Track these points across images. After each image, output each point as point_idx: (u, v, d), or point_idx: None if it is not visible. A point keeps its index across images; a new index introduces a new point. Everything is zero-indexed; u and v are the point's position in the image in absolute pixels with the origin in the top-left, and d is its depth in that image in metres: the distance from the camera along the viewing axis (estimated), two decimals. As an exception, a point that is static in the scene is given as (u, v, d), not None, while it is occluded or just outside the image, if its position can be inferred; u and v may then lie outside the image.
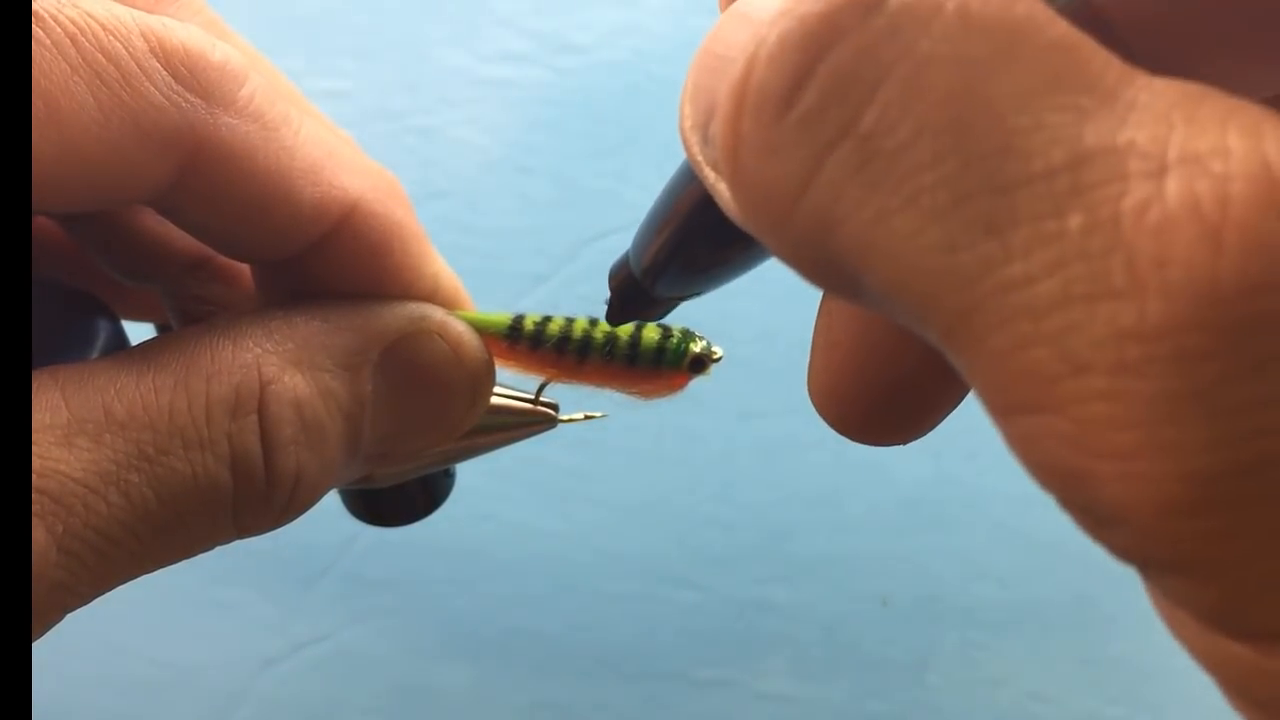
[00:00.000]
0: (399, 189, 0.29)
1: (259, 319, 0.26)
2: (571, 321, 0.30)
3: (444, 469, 0.34)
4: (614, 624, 0.62)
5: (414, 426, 0.28)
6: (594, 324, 0.30)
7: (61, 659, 0.60)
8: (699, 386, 0.30)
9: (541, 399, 0.32)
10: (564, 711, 0.61)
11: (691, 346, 0.30)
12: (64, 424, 0.22)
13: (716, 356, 0.30)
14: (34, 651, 0.21)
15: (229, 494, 0.24)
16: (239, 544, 0.26)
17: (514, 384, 0.32)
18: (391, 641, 0.62)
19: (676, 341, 0.29)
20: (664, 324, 0.30)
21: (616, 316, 0.27)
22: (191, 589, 0.63)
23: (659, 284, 0.24)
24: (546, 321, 0.30)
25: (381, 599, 0.63)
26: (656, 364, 0.29)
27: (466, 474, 0.35)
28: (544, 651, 0.62)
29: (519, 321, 0.30)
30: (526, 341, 0.30)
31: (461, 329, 0.28)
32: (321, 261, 0.27)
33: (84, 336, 0.30)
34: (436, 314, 0.28)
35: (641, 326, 0.30)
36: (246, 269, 0.31)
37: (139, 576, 0.24)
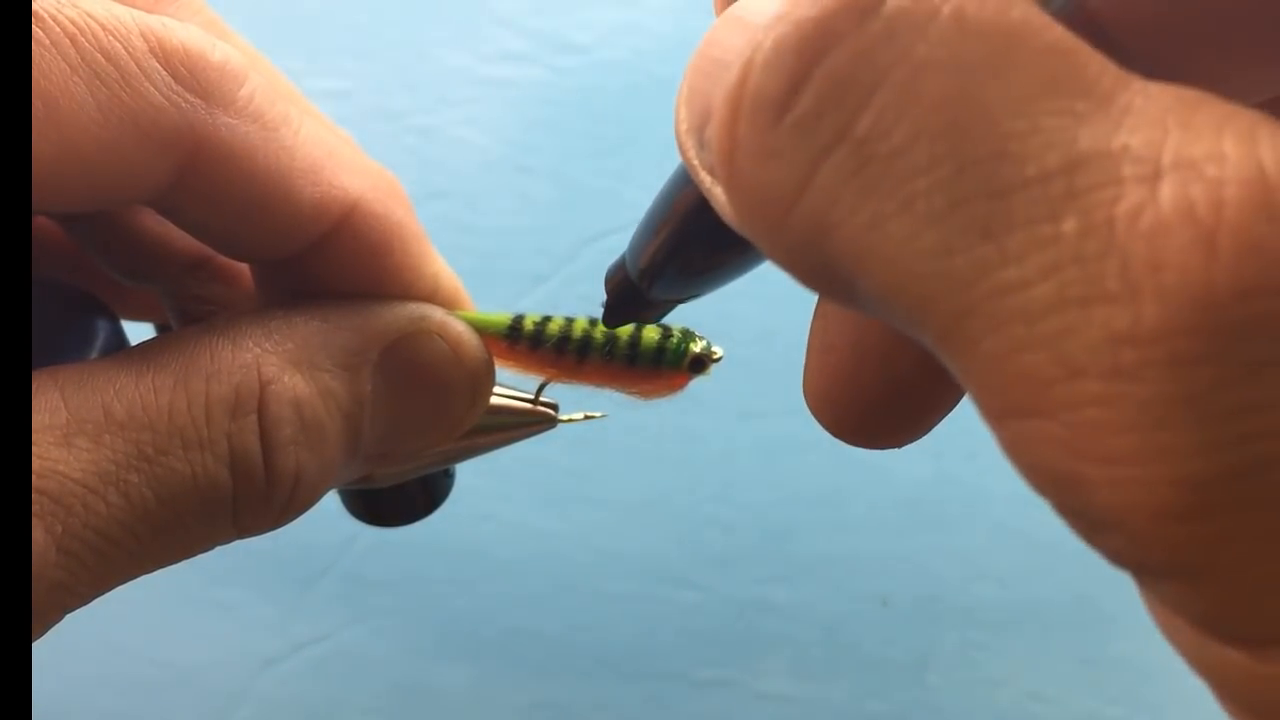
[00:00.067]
0: (399, 189, 0.29)
1: (259, 319, 0.26)
2: (571, 321, 0.30)
3: (444, 469, 0.34)
4: (614, 624, 0.62)
5: (414, 426, 0.28)
6: (594, 324, 0.30)
7: (61, 659, 0.60)
8: (699, 386, 0.30)
9: (541, 399, 0.32)
10: (564, 711, 0.61)
11: (691, 346, 0.29)
12: (63, 424, 0.22)
13: (716, 356, 0.30)
14: (34, 651, 0.21)
15: (229, 494, 0.24)
16: (239, 544, 0.26)
17: (514, 384, 0.32)
18: (391, 641, 0.62)
19: (676, 341, 0.29)
20: (664, 324, 0.30)
21: (613, 319, 0.27)
22: (191, 589, 0.63)
23: (655, 287, 0.24)
24: (546, 321, 0.30)
25: (381, 599, 0.63)
26: (656, 364, 0.29)
27: (466, 474, 0.35)
28: (544, 651, 0.62)
29: (519, 321, 0.30)
30: (526, 341, 0.30)
31: (461, 329, 0.28)
32: (321, 261, 0.27)
33: (83, 336, 0.30)
34: (436, 314, 0.28)
35: (641, 326, 0.30)
36: (246, 269, 0.31)
37: (139, 576, 0.24)
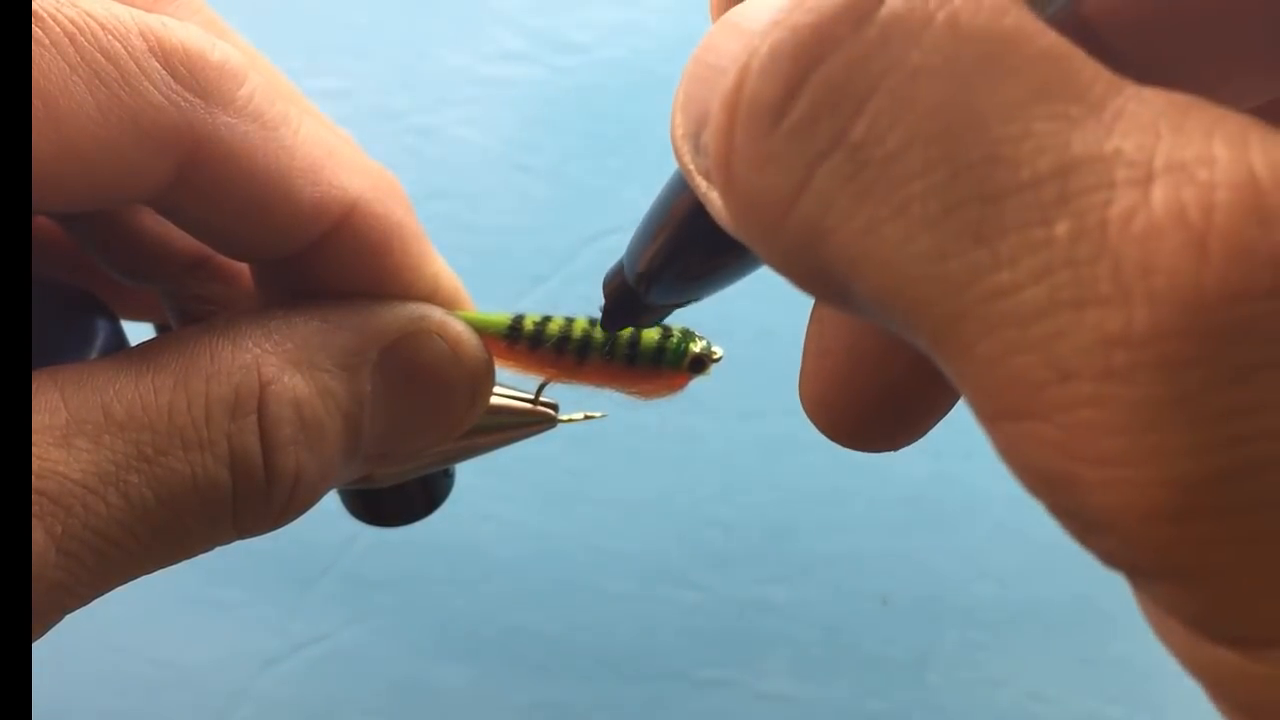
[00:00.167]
0: (399, 189, 0.29)
1: (258, 319, 0.26)
2: (571, 322, 0.30)
3: (444, 469, 0.34)
4: (614, 624, 0.62)
5: (413, 426, 0.28)
6: (594, 324, 0.29)
7: (61, 659, 0.60)
8: (699, 386, 0.30)
9: (541, 399, 0.32)
10: (564, 711, 0.61)
11: (691, 346, 0.29)
12: (63, 425, 0.22)
13: (716, 356, 0.30)
14: (34, 651, 0.21)
15: (228, 494, 0.24)
16: (239, 544, 0.26)
17: (514, 384, 0.32)
18: (391, 641, 0.62)
19: (676, 341, 0.29)
20: (664, 324, 0.30)
21: (611, 324, 0.27)
22: (191, 589, 0.63)
23: (653, 291, 0.24)
24: (546, 322, 0.30)
25: (381, 599, 0.63)
26: (656, 364, 0.29)
27: (466, 474, 0.35)
28: (544, 651, 0.62)
29: (519, 321, 0.30)
30: (526, 342, 0.30)
31: (461, 329, 0.28)
32: (321, 261, 0.27)
33: (83, 336, 0.30)
34: (436, 314, 0.28)
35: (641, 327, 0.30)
36: (246, 268, 0.31)
37: (138, 577, 0.24)
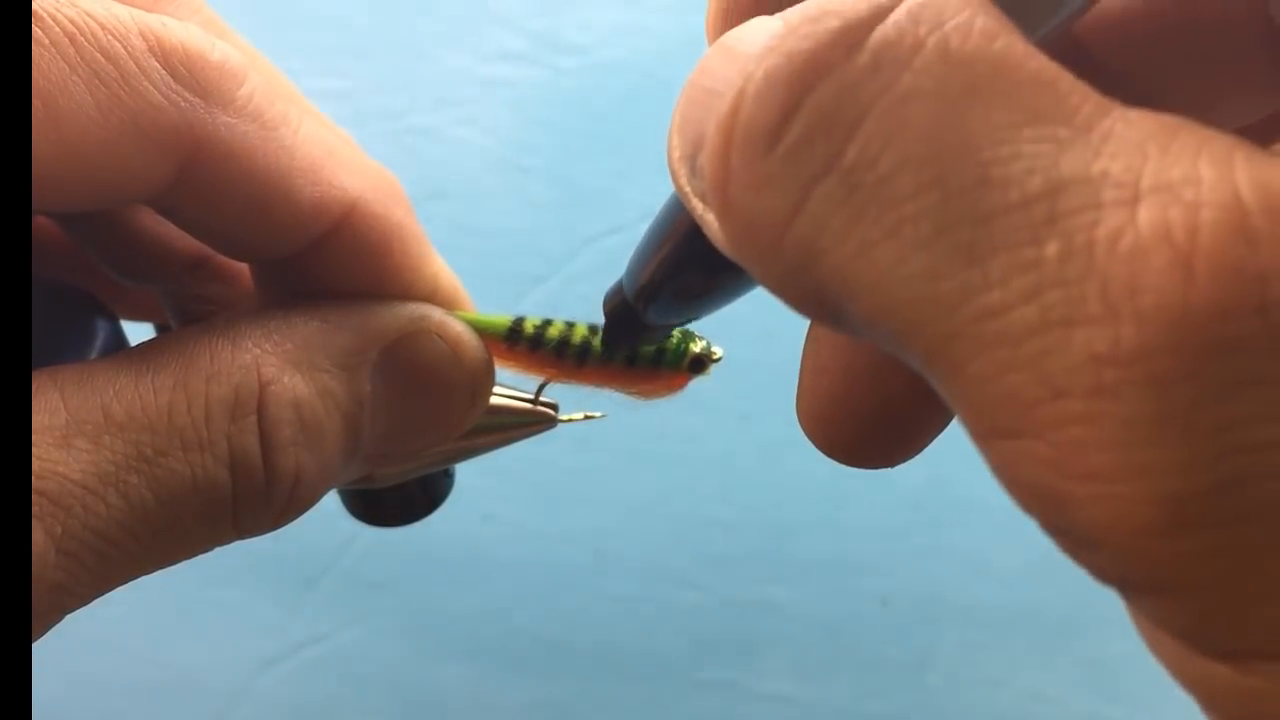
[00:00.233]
0: (399, 189, 0.29)
1: (258, 319, 0.26)
2: (572, 327, 0.30)
3: (444, 469, 0.34)
4: (614, 624, 0.62)
5: (413, 426, 0.28)
6: (594, 331, 0.29)
7: (61, 659, 0.60)
8: (699, 386, 0.30)
9: (541, 399, 0.32)
10: (564, 711, 0.61)
11: (691, 347, 0.29)
12: (62, 425, 0.22)
13: (716, 356, 0.30)
14: (33, 652, 0.21)
15: (228, 495, 0.24)
16: (239, 544, 0.26)
17: (514, 384, 0.32)
18: (391, 642, 0.62)
19: (676, 342, 0.29)
20: (664, 324, 0.30)
21: (611, 342, 0.27)
22: (191, 589, 0.63)
23: (652, 311, 0.25)
24: (546, 325, 0.30)
25: (381, 599, 0.63)
26: (656, 364, 0.29)
27: (466, 474, 0.35)
28: (544, 652, 0.62)
29: (519, 324, 0.30)
30: (526, 343, 0.30)
31: (460, 329, 0.28)
32: (321, 261, 0.27)
33: (83, 336, 0.30)
34: (435, 314, 0.28)
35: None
36: (246, 269, 0.31)
37: (138, 577, 0.24)
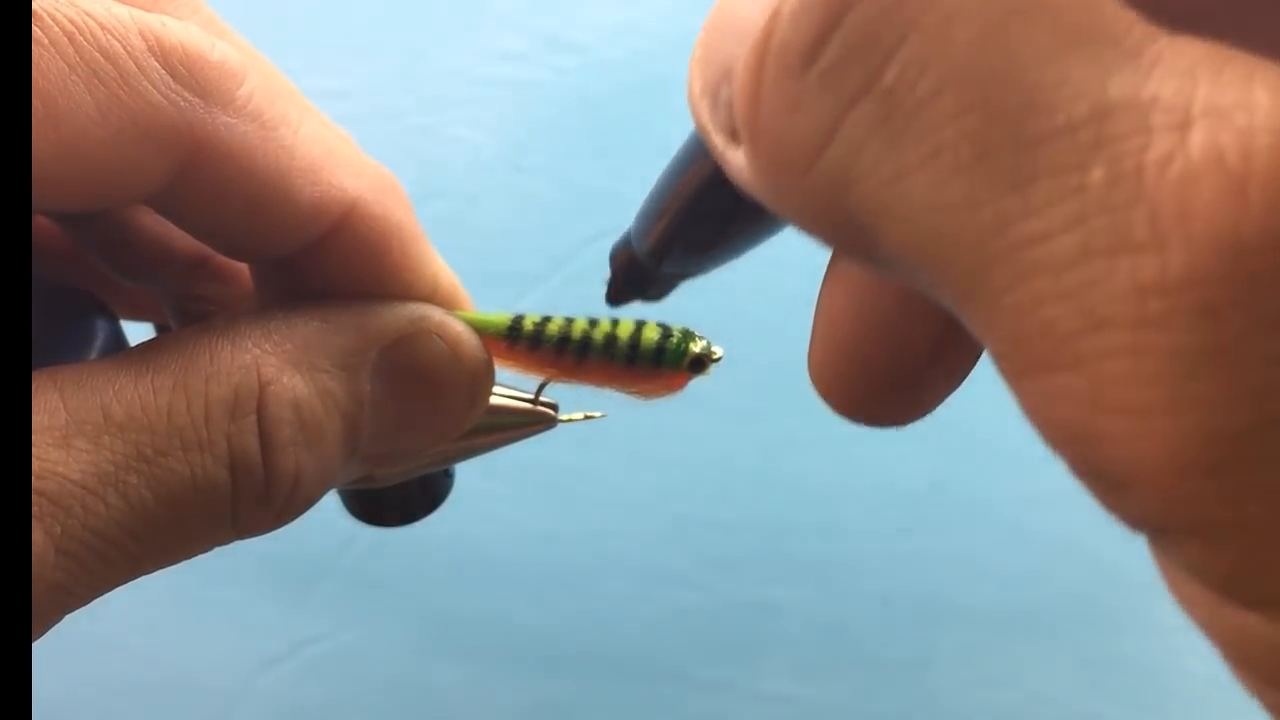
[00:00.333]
0: (399, 188, 0.29)
1: (258, 319, 0.26)
2: (571, 322, 0.30)
3: (444, 469, 0.34)
4: (614, 624, 0.62)
5: (413, 427, 0.28)
6: (594, 324, 0.29)
7: (61, 660, 0.60)
8: (699, 386, 0.30)
9: (541, 399, 0.32)
10: (564, 712, 0.61)
11: (691, 346, 0.29)
12: (62, 425, 0.22)
13: (716, 356, 0.30)
14: (33, 652, 0.21)
15: (228, 495, 0.24)
16: (239, 544, 0.26)
17: (514, 384, 0.31)
18: (391, 641, 0.62)
19: (676, 341, 0.29)
20: (664, 324, 0.29)
21: (617, 297, 0.26)
22: (191, 589, 0.63)
23: (663, 262, 0.24)
24: (546, 322, 0.30)
25: (381, 599, 0.63)
26: (656, 364, 0.29)
27: (466, 474, 0.35)
28: (544, 651, 0.62)
29: (518, 322, 0.30)
30: (526, 342, 0.30)
31: (460, 329, 0.28)
32: (320, 261, 0.27)
33: (82, 336, 0.30)
34: (435, 314, 0.28)
35: (641, 326, 0.29)
36: (246, 269, 0.31)
37: (138, 577, 0.24)
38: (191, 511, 0.24)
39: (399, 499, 0.34)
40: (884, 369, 0.23)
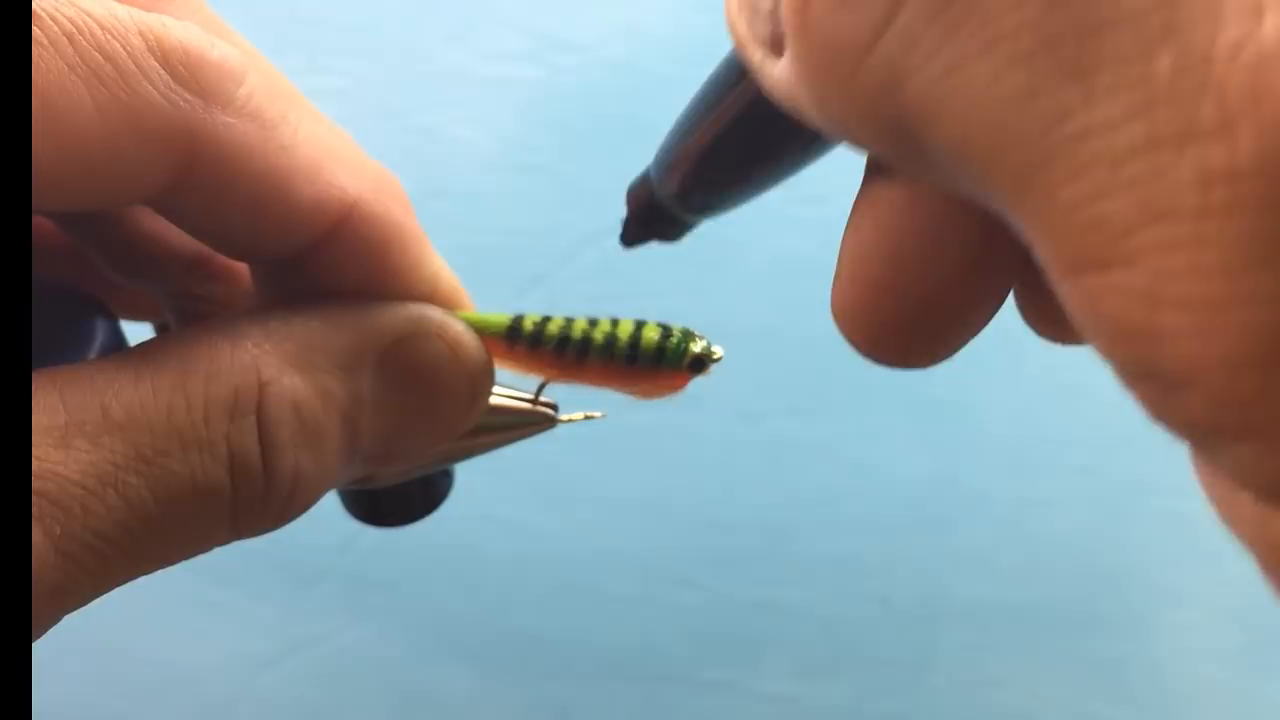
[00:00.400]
0: (399, 189, 0.29)
1: (257, 319, 0.26)
2: (571, 322, 0.30)
3: (444, 469, 0.34)
4: (614, 624, 0.62)
5: (413, 427, 0.28)
6: (594, 324, 0.29)
7: (60, 660, 0.60)
8: (699, 386, 0.30)
9: (541, 399, 0.32)
10: (564, 712, 0.61)
11: (691, 346, 0.29)
12: (62, 425, 0.22)
13: (716, 356, 0.30)
14: (33, 652, 0.21)
15: (227, 495, 0.24)
16: (238, 544, 0.26)
17: (514, 384, 0.31)
18: (391, 642, 0.62)
19: (676, 341, 0.29)
20: (664, 324, 0.30)
21: (632, 237, 0.25)
22: (190, 589, 0.63)
23: (688, 200, 0.23)
24: (546, 321, 0.30)
25: (381, 599, 0.63)
26: (656, 364, 0.29)
27: (466, 474, 0.35)
28: (544, 652, 0.62)
29: (518, 322, 0.30)
30: (526, 342, 0.30)
31: (460, 329, 0.28)
32: (320, 261, 0.27)
33: (82, 336, 0.30)
34: (435, 314, 0.28)
35: (641, 326, 0.29)
36: (246, 269, 0.31)
37: (137, 578, 0.24)
38: (191, 512, 0.24)
39: (399, 499, 0.34)
40: (912, 303, 0.23)
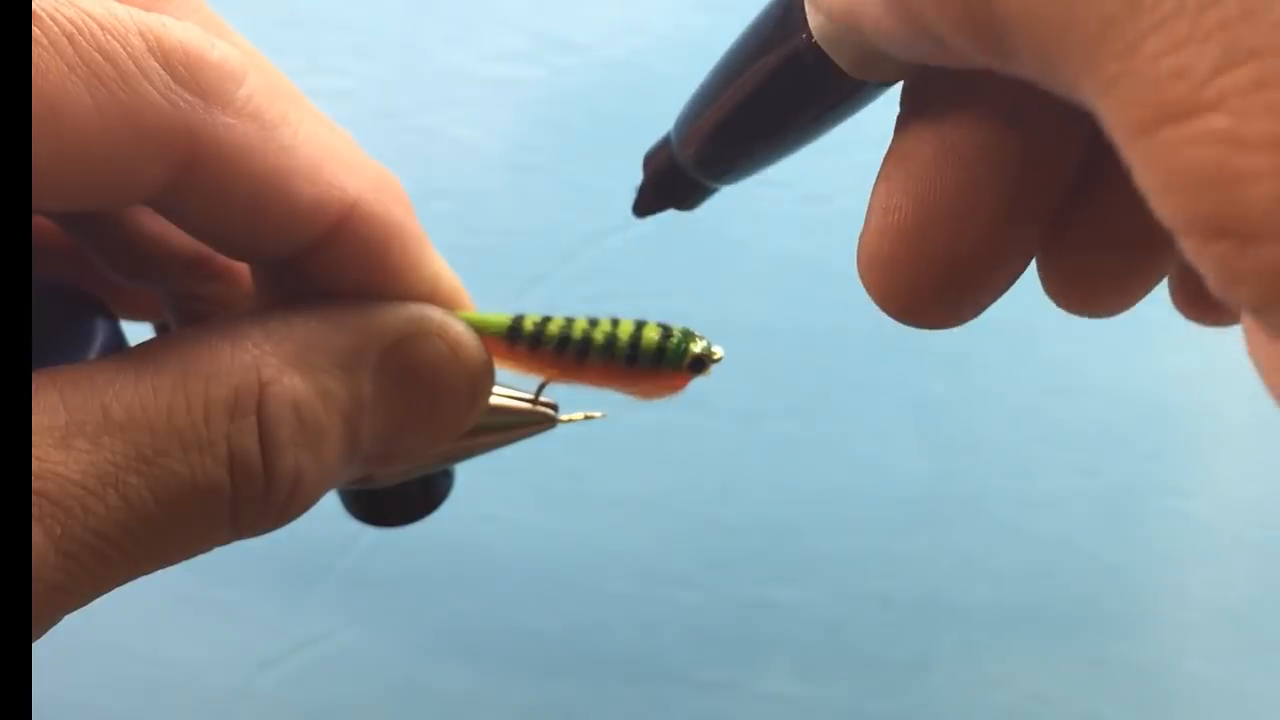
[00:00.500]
0: (399, 189, 0.29)
1: (258, 319, 0.26)
2: (571, 321, 0.30)
3: (444, 469, 0.34)
4: (614, 624, 0.62)
5: (413, 427, 0.28)
6: (594, 324, 0.29)
7: (60, 660, 0.60)
8: (699, 386, 0.30)
9: (541, 399, 0.32)
10: (564, 712, 0.61)
11: (691, 346, 0.29)
12: (62, 425, 0.22)
13: (716, 356, 0.30)
14: (33, 652, 0.21)
15: (227, 495, 0.24)
16: (239, 544, 0.26)
17: (514, 384, 0.32)
18: (391, 642, 0.62)
19: (676, 341, 0.29)
20: (664, 324, 0.30)
21: (647, 206, 0.25)
22: (191, 589, 0.63)
23: (709, 164, 0.23)
24: (546, 321, 0.30)
25: (381, 599, 0.63)
26: (657, 364, 0.29)
27: (466, 474, 0.35)
28: (544, 652, 0.62)
29: (519, 322, 0.30)
30: (526, 342, 0.30)
31: (460, 329, 0.28)
32: (321, 261, 0.27)
33: (82, 337, 0.30)
34: (435, 314, 0.28)
35: (641, 326, 0.30)
36: (246, 268, 0.31)
37: (137, 578, 0.24)
38: (191, 512, 0.24)
39: (399, 499, 0.34)
40: (938, 256, 0.22)
